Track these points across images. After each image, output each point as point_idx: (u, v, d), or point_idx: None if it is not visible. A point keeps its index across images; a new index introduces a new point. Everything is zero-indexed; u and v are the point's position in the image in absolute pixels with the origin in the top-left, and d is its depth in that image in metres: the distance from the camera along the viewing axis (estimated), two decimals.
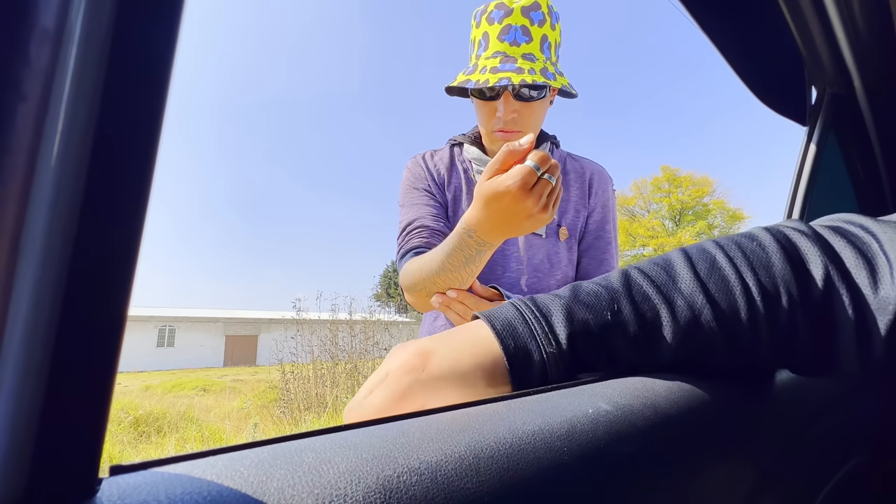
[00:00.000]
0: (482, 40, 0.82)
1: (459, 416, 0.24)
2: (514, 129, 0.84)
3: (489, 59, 0.80)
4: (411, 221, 0.88)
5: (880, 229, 0.33)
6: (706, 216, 24.39)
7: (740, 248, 0.34)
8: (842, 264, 0.32)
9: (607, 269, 0.93)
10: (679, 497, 0.28)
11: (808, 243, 0.33)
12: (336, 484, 0.17)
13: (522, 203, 0.59)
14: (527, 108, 0.82)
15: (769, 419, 0.36)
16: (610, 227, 0.95)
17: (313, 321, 7.74)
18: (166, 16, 0.15)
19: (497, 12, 0.79)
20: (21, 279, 0.13)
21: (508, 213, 0.60)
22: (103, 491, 0.15)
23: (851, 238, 0.33)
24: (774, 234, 0.35)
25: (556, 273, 0.90)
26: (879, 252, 0.32)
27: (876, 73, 0.97)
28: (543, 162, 0.58)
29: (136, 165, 0.15)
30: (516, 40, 0.78)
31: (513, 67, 0.77)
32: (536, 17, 0.79)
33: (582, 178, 0.96)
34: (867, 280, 0.31)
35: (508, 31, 0.78)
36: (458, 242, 0.68)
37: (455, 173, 0.95)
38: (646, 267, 0.36)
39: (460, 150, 0.96)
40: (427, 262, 0.76)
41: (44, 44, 0.13)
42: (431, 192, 0.92)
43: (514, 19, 0.78)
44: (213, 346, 24.14)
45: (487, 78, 0.77)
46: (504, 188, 0.59)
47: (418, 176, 0.94)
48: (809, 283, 0.32)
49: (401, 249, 0.88)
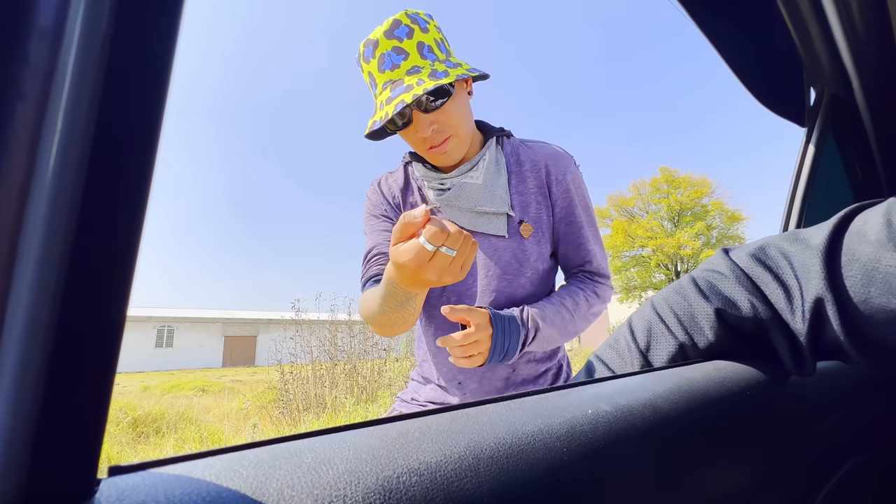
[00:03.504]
0: (370, 81, 0.83)
1: (459, 416, 0.24)
2: (441, 139, 0.83)
3: (381, 94, 0.80)
4: (370, 249, 0.91)
5: (795, 251, 0.39)
6: (705, 217, 24.41)
7: (671, 308, 0.43)
8: (764, 297, 0.39)
9: (586, 253, 0.92)
10: (678, 497, 0.28)
11: (731, 285, 0.41)
12: (335, 484, 0.17)
13: (423, 274, 0.59)
14: (441, 113, 0.82)
15: (769, 420, 0.36)
16: (578, 210, 0.93)
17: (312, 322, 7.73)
18: (166, 16, 0.15)
19: (368, 50, 0.80)
20: (21, 279, 0.13)
21: (414, 280, 0.62)
22: (102, 492, 0.15)
23: (771, 266, 0.40)
24: (700, 287, 0.42)
25: (525, 271, 0.90)
26: (792, 276, 0.38)
27: (874, 74, 0.97)
28: (436, 238, 0.57)
29: (135, 165, 0.15)
30: (394, 63, 0.79)
31: (402, 89, 0.77)
32: (402, 33, 0.79)
33: (538, 167, 0.93)
34: (785, 304, 0.38)
35: (384, 60, 0.79)
36: (387, 290, 0.70)
37: (410, 192, 0.96)
38: (602, 353, 0.46)
39: (413, 168, 0.97)
40: (371, 300, 0.78)
41: (43, 43, 0.13)
42: (389, 216, 0.94)
43: (382, 47, 0.78)
44: (212, 346, 24.11)
45: (386, 111, 0.76)
46: (402, 262, 0.59)
47: (375, 203, 0.96)
48: (738, 318, 0.40)
49: (362, 277, 0.91)
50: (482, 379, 0.89)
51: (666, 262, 24.12)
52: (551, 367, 0.94)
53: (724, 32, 0.90)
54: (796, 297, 0.38)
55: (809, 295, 0.36)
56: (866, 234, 0.35)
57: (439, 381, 0.93)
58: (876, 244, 0.34)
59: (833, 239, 0.37)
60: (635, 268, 24.92)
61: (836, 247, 0.36)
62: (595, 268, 0.93)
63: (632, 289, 24.02)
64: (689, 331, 0.42)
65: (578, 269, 0.94)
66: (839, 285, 0.35)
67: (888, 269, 0.32)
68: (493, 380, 0.89)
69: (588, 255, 0.92)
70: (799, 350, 0.38)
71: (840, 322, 0.35)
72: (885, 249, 0.33)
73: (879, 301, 0.33)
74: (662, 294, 0.45)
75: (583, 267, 0.93)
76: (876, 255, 0.33)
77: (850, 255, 0.35)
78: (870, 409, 0.49)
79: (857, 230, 0.36)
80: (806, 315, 0.37)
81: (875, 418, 0.50)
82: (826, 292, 0.35)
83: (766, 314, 0.39)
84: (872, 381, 0.50)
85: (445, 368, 0.91)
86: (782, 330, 0.38)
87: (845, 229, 0.37)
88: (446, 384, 0.92)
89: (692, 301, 0.42)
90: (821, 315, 0.36)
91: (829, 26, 0.90)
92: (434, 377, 0.94)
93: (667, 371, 0.36)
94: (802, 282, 0.37)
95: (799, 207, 1.06)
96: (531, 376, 0.91)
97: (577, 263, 0.93)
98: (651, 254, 24.24)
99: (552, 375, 0.93)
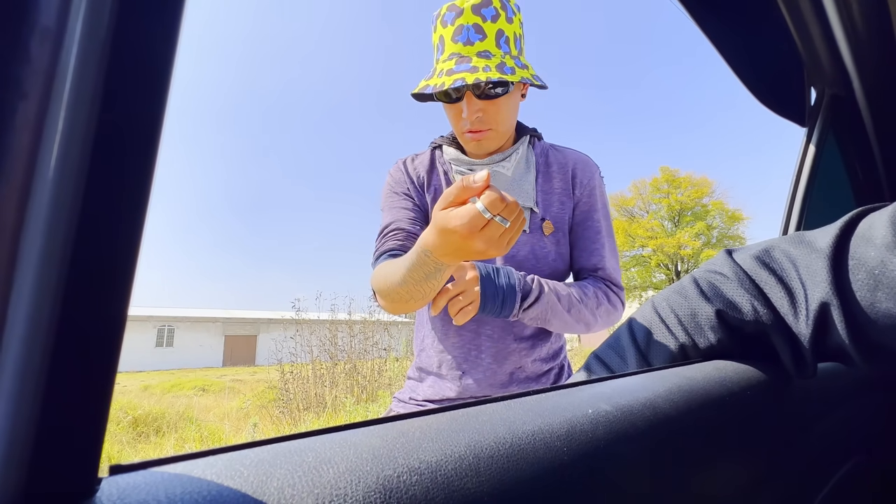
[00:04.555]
0: (439, 44, 0.82)
1: (459, 416, 0.24)
2: (483, 127, 0.84)
3: (445, 62, 0.80)
4: (388, 224, 0.90)
5: (801, 254, 0.39)
6: (705, 217, 24.40)
7: (672, 308, 0.43)
8: (767, 300, 0.39)
9: (599, 259, 0.92)
10: (678, 497, 0.28)
11: (733, 287, 0.40)
12: (336, 484, 0.17)
13: (471, 242, 0.58)
14: (492, 105, 0.82)
15: (769, 420, 0.36)
16: (598, 215, 0.94)
17: (312, 321, 7.73)
18: (166, 15, 0.15)
19: (449, 14, 0.80)
20: (21, 279, 0.13)
21: (458, 247, 0.60)
22: (103, 490, 0.15)
23: (775, 268, 0.40)
24: (702, 288, 0.42)
25: (542, 268, 0.90)
26: (797, 279, 0.38)
27: (875, 74, 0.97)
28: (494, 206, 0.55)
29: (136, 165, 0.15)
30: (469, 39, 0.78)
31: (467, 67, 0.77)
32: (489, 14, 0.79)
33: (565, 168, 0.95)
34: (788, 308, 0.38)
35: (461, 32, 0.79)
36: (417, 259, 0.68)
37: (435, 175, 0.95)
38: (602, 353, 0.45)
39: (441, 153, 0.97)
40: (392, 272, 0.76)
41: (44, 43, 0.13)
42: (411, 195, 0.93)
43: (465, 19, 0.78)
44: (212, 346, 24.12)
45: (443, 81, 0.77)
46: (452, 226, 0.58)
47: (398, 181, 0.95)
48: (739, 320, 0.40)
49: (376, 251, 0.89)
50: (487, 371, 0.89)
51: (666, 262, 24.11)
52: (554, 366, 0.94)
53: (725, 32, 0.90)
54: (800, 300, 0.37)
55: (814, 298, 0.36)
56: (872, 237, 0.35)
57: (441, 369, 0.91)
58: (882, 248, 0.34)
59: (839, 242, 0.36)
60: (635, 268, 24.92)
61: (842, 250, 0.36)
62: (607, 275, 0.92)
63: (632, 289, 24.01)
64: (689, 332, 0.41)
65: (590, 274, 0.93)
66: (846, 289, 0.35)
67: (895, 274, 0.32)
68: (499, 374, 0.89)
69: (601, 261, 0.92)
70: (800, 353, 0.38)
71: (845, 326, 0.35)
72: (891, 253, 0.33)
73: (886, 305, 0.33)
74: (663, 294, 0.45)
75: (594, 272, 0.92)
76: (882, 258, 0.33)
77: (857, 259, 0.35)
78: (869, 410, 0.49)
79: (863, 234, 0.36)
80: (810, 319, 0.36)
81: (875, 419, 0.50)
82: (832, 296, 0.35)
83: (768, 317, 0.38)
84: (872, 382, 0.50)
85: (450, 356, 0.90)
86: (784, 333, 0.38)
87: (851, 233, 0.37)
88: (447, 373, 0.90)
89: (693, 302, 0.42)
90: (825, 319, 0.36)
91: (830, 26, 0.90)
92: (434, 367, 0.92)
93: (667, 371, 0.36)
94: (807, 285, 0.37)
95: (799, 208, 1.06)
96: (535, 374, 0.91)
97: (588, 268, 0.93)
98: (651, 254, 24.24)
99: (554, 375, 0.94)
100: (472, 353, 0.89)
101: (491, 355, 0.89)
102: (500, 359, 0.89)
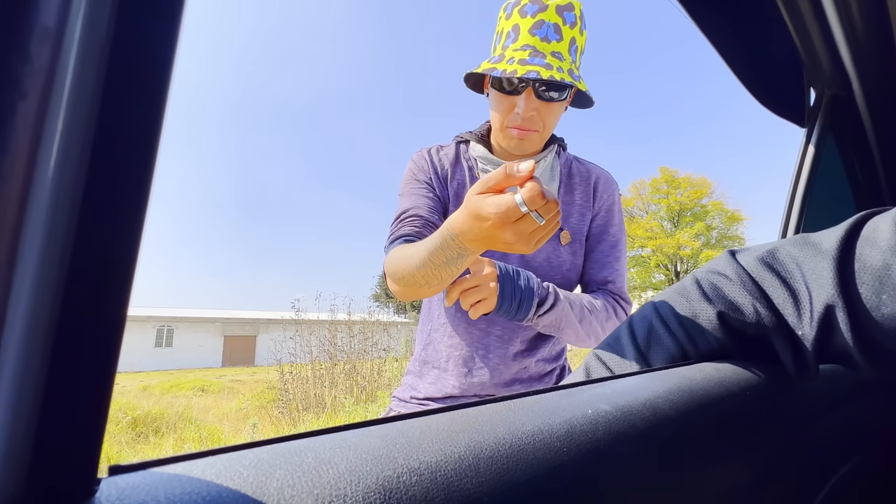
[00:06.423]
0: (511, 32, 0.81)
1: (459, 416, 0.24)
2: (531, 127, 0.83)
3: (518, 51, 0.79)
4: (406, 210, 0.88)
5: (806, 256, 0.38)
6: (704, 217, 24.42)
7: (672, 309, 0.43)
8: (770, 303, 0.39)
9: (610, 272, 0.92)
10: (678, 497, 0.28)
11: (736, 289, 0.40)
12: (336, 484, 0.17)
13: (501, 232, 0.56)
14: (546, 107, 0.82)
15: (769, 420, 0.36)
16: (614, 230, 0.95)
17: (312, 322, 7.73)
18: (166, 15, 0.15)
19: (531, 6, 0.79)
20: (21, 279, 0.13)
21: (487, 235, 0.58)
22: (102, 491, 0.15)
23: (779, 270, 0.39)
24: (704, 289, 0.42)
25: (555, 277, 0.90)
26: (801, 281, 0.38)
27: (875, 75, 0.97)
28: (534, 201, 0.53)
29: (135, 165, 0.15)
30: (548, 37, 0.78)
31: (542, 62, 0.76)
32: (569, 18, 0.79)
33: (587, 181, 0.95)
34: (792, 310, 0.38)
35: (541, 27, 0.78)
36: (441, 242, 0.66)
37: (459, 169, 0.94)
38: (602, 353, 0.45)
39: (466, 148, 0.96)
40: (410, 255, 0.74)
41: (44, 43, 0.13)
42: (432, 184, 0.92)
43: (547, 15, 0.78)
44: (212, 346, 24.09)
45: (515, 68, 0.76)
46: (486, 213, 0.56)
47: (421, 168, 0.94)
48: (740, 322, 0.39)
49: (391, 235, 0.87)
50: (493, 370, 0.88)
51: (665, 263, 24.12)
52: (556, 367, 0.95)
53: (724, 33, 0.90)
54: (805, 302, 0.37)
55: (819, 301, 0.36)
56: (877, 240, 0.35)
57: (447, 364, 0.91)
58: (886, 251, 0.34)
59: (845, 245, 0.36)
60: (635, 268, 24.94)
61: (848, 253, 0.36)
62: (616, 289, 0.92)
63: (631, 289, 24.02)
64: (690, 333, 0.41)
65: (599, 287, 0.93)
66: (852, 292, 0.35)
67: None
68: (505, 374, 0.89)
69: (612, 274, 0.92)
70: (803, 355, 0.38)
71: (850, 329, 0.35)
72: (895, 256, 0.33)
73: (891, 307, 0.33)
74: (664, 295, 0.45)
75: (604, 286, 0.93)
76: (886, 261, 0.33)
77: (863, 261, 0.35)
78: (870, 411, 0.49)
79: (868, 236, 0.36)
80: (814, 321, 0.36)
81: (875, 419, 0.50)
82: (837, 299, 0.35)
83: (770, 320, 0.38)
84: (872, 383, 0.50)
85: (458, 353, 0.90)
86: (786, 335, 0.38)
87: (857, 235, 0.37)
88: (453, 369, 0.90)
89: (695, 303, 0.42)
90: (830, 321, 0.36)
91: (829, 27, 0.90)
92: (441, 361, 0.92)
93: (667, 371, 0.36)
94: (812, 287, 0.37)
95: (799, 208, 1.06)
96: (538, 374, 0.92)
97: (599, 280, 0.93)
98: (651, 254, 24.25)
99: (556, 376, 0.94)
100: (480, 351, 0.89)
101: (499, 356, 0.89)
102: (506, 359, 0.89)
